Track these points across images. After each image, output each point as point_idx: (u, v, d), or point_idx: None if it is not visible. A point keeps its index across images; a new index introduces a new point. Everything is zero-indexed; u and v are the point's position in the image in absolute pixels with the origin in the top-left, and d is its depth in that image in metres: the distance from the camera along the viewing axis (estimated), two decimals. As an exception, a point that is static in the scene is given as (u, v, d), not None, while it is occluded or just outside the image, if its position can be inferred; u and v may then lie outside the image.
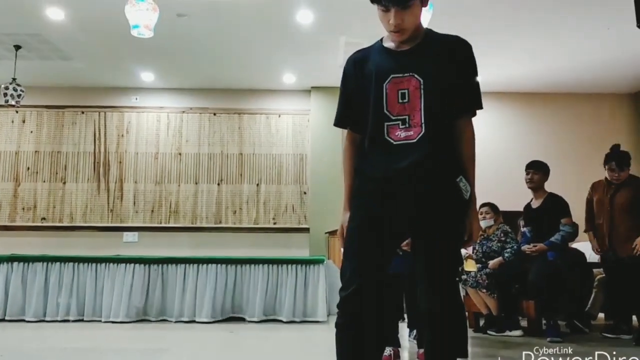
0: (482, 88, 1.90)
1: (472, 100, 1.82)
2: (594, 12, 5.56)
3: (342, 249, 1.84)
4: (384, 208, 1.74)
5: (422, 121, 1.71)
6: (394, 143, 1.72)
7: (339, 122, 1.93)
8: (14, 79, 6.58)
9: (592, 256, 5.42)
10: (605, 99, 7.99)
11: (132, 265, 5.39)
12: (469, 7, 5.50)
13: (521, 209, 4.99)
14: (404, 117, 1.72)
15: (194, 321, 5.31)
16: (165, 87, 7.94)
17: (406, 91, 1.73)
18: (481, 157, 7.19)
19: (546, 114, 7.97)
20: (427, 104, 1.72)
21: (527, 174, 4.76)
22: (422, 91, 1.72)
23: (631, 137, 7.92)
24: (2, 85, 6.58)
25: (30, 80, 7.14)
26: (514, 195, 5.29)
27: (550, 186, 4.82)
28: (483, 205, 5.23)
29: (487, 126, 7.84)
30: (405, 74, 1.74)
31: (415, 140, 1.70)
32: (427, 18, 4.66)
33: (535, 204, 4.74)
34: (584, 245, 5.46)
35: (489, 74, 7.27)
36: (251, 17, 5.75)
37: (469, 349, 4.30)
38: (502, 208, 5.26)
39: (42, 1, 5.42)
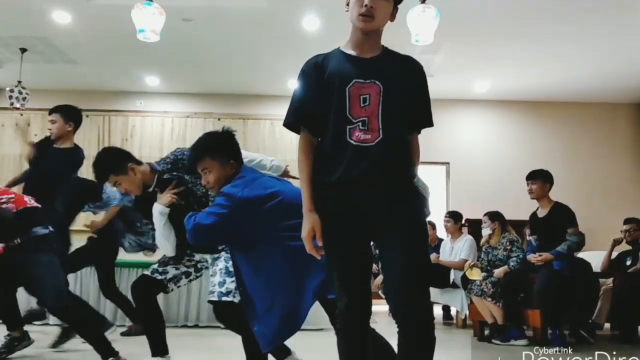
0: (489, 96, 1.92)
1: (427, 118, 1.89)
2: (600, 22, 5.56)
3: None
4: (349, 213, 1.77)
5: (380, 126, 1.76)
6: (354, 144, 1.76)
7: (295, 122, 1.87)
8: (19, 82, 6.60)
9: (598, 266, 5.39)
10: (611, 108, 7.98)
11: (135, 270, 5.38)
12: (475, 17, 5.50)
13: (527, 218, 4.96)
14: (364, 118, 1.76)
15: (197, 326, 5.28)
16: (169, 92, 7.94)
17: (367, 96, 1.77)
18: (487, 165, 7.23)
19: (552, 123, 7.96)
20: (384, 110, 1.77)
21: (527, 185, 4.74)
22: (381, 97, 1.77)
23: (636, 146, 7.90)
24: (8, 88, 6.60)
25: (36, 83, 7.13)
26: (520, 204, 5.27)
27: (555, 194, 4.79)
28: (484, 215, 5.24)
29: (493, 134, 7.83)
30: (367, 80, 1.79)
31: (373, 144, 1.75)
32: (433, 26, 4.66)
33: (541, 213, 4.71)
34: (591, 255, 5.44)
35: (495, 82, 7.27)
36: (257, 23, 5.75)
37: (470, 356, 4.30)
38: (508, 217, 5.23)
39: (49, 4, 5.44)
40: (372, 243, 1.91)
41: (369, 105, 1.77)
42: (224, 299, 2.60)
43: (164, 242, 2.84)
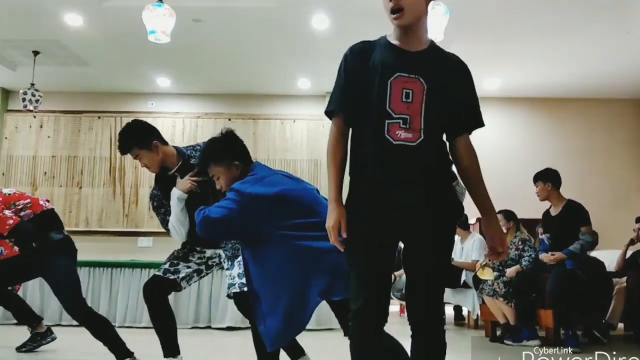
0: (499, 93, 1.90)
1: (476, 119, 1.85)
2: (608, 17, 5.50)
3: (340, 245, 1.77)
4: (383, 214, 1.72)
5: (422, 126, 1.70)
6: (394, 142, 1.69)
7: (336, 108, 1.79)
8: (32, 85, 6.66)
9: (611, 265, 5.34)
10: (622, 105, 7.90)
11: (147, 270, 5.41)
12: (483, 14, 5.47)
13: (538, 216, 4.92)
14: (406, 116, 1.69)
15: (209, 327, 5.30)
16: (180, 93, 7.98)
17: (411, 92, 1.70)
18: (498, 163, 7.16)
19: (564, 120, 7.89)
20: (427, 110, 1.70)
21: (535, 187, 4.70)
22: (424, 96, 1.70)
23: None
24: (21, 91, 6.66)
25: (48, 86, 7.21)
26: (531, 203, 5.21)
27: (567, 192, 4.74)
28: (497, 212, 5.18)
29: (503, 132, 7.77)
30: (412, 75, 1.71)
31: (414, 144, 1.69)
32: (443, 23, 4.64)
33: (554, 212, 4.67)
34: (604, 254, 5.38)
35: (506, 79, 7.21)
36: (267, 22, 5.76)
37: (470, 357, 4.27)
38: (520, 216, 5.19)
39: (61, 7, 5.48)
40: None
41: (411, 103, 1.70)
42: (246, 289, 2.57)
43: (179, 227, 2.89)
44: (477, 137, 1.88)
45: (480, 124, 1.86)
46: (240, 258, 2.70)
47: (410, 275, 1.80)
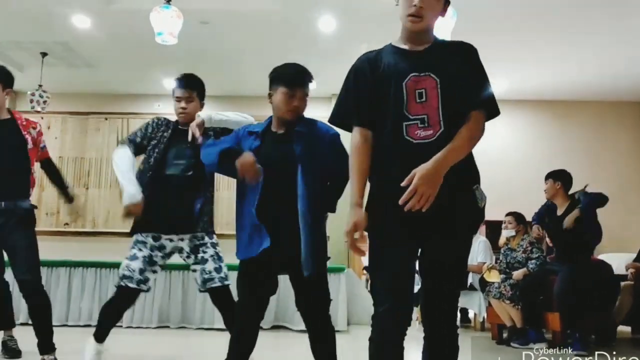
0: (504, 96, 1.88)
1: (477, 94, 1.79)
2: (617, 19, 5.48)
3: (351, 249, 1.78)
4: (404, 214, 1.70)
5: (440, 119, 1.71)
6: (414, 142, 1.71)
7: (355, 119, 1.83)
8: (40, 86, 6.69)
9: (618, 268, 5.31)
10: (626, 107, 7.87)
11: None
12: (494, 15, 5.45)
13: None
14: (423, 116, 1.72)
15: (213, 328, 5.30)
16: (187, 94, 7.99)
17: (423, 91, 1.73)
18: (508, 166, 7.14)
19: (569, 122, 7.86)
20: (444, 103, 1.72)
21: (545, 184, 4.72)
22: (439, 90, 1.73)
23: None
24: (29, 92, 6.70)
25: (56, 87, 7.24)
26: (537, 205, 5.20)
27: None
28: (507, 214, 5.16)
29: (512, 134, 7.76)
30: (422, 74, 1.75)
31: (434, 139, 1.70)
32: (450, 25, 4.63)
33: (559, 211, 4.67)
34: (610, 257, 5.36)
35: (511, 82, 7.19)
36: (273, 25, 5.77)
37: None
38: (528, 217, 5.17)
39: (69, 9, 5.51)
40: None
41: (426, 101, 1.73)
42: (226, 282, 2.74)
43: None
44: (483, 139, 1.85)
45: (481, 99, 1.79)
46: (209, 250, 2.76)
47: (424, 276, 1.82)
